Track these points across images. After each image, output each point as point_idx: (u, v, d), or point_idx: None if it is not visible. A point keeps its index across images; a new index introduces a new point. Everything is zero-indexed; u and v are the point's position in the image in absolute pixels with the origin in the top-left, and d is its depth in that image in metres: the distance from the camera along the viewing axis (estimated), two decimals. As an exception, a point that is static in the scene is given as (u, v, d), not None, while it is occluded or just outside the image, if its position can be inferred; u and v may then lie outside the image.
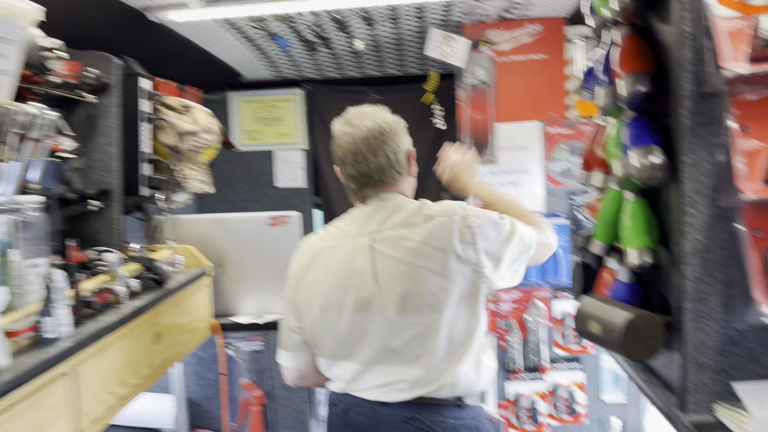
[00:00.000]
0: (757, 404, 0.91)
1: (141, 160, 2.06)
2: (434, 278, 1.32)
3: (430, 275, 1.33)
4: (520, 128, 2.68)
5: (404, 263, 1.35)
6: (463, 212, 1.38)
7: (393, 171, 1.44)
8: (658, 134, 1.06)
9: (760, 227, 0.95)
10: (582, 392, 2.74)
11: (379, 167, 1.42)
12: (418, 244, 1.35)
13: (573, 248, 2.71)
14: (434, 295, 1.32)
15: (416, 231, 1.37)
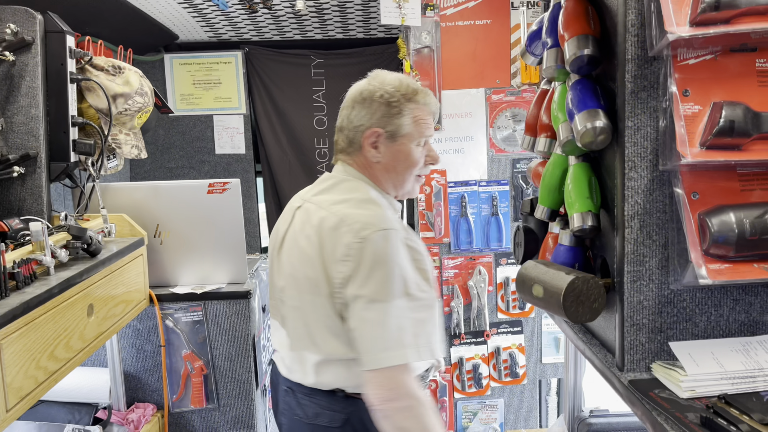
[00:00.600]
0: (692, 362, 0.95)
1: (68, 123, 1.93)
2: (308, 269, 1.40)
3: (307, 265, 1.40)
4: (464, 95, 2.67)
5: (296, 240, 1.45)
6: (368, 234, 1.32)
7: (348, 139, 1.46)
8: (601, 98, 1.06)
9: (697, 190, 0.97)
10: (522, 355, 2.82)
11: (340, 126, 1.50)
12: (314, 231, 1.40)
13: (518, 212, 2.76)
14: (308, 279, 1.40)
15: (321, 217, 1.41)
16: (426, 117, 1.48)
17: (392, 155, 1.47)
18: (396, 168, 1.47)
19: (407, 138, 1.46)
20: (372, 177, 1.50)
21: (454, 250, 2.75)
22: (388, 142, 1.46)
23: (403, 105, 1.44)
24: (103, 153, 2.05)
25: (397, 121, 1.44)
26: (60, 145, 1.93)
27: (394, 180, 1.49)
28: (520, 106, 2.69)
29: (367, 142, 1.45)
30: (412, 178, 1.50)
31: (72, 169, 1.97)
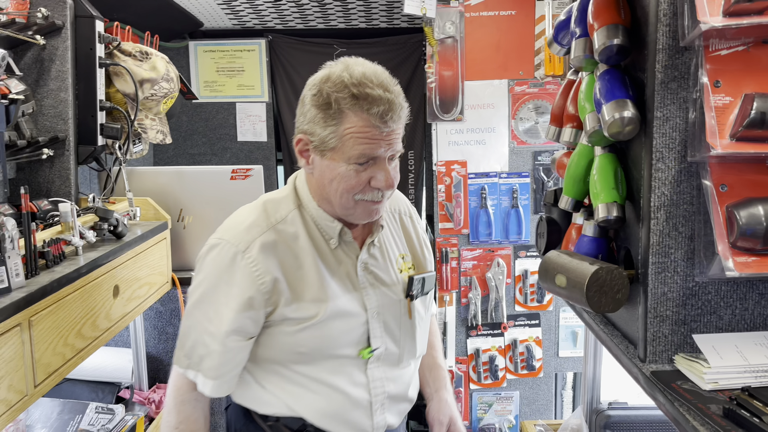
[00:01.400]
0: (716, 355, 0.94)
1: (96, 107, 1.97)
2: None
3: None
4: (487, 86, 2.67)
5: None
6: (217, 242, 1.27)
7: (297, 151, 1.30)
8: (630, 88, 1.05)
9: (725, 182, 0.97)
10: (539, 348, 2.82)
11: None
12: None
13: (538, 205, 2.75)
14: None
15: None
16: (366, 131, 1.19)
17: (321, 171, 1.26)
18: (325, 187, 1.27)
19: (336, 155, 1.22)
20: (311, 189, 1.32)
21: (472, 242, 2.75)
22: (317, 154, 1.25)
23: (339, 112, 1.20)
24: (130, 137, 2.08)
25: (322, 132, 1.21)
26: (88, 128, 1.96)
27: (329, 200, 1.28)
28: (543, 98, 2.67)
29: (296, 149, 1.29)
30: (350, 202, 1.26)
31: (99, 153, 2.01)
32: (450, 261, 2.75)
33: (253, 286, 1.24)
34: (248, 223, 1.28)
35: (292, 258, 1.28)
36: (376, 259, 1.37)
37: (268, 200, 1.34)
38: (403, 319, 1.39)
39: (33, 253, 1.41)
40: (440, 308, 2.78)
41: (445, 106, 2.65)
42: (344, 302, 1.30)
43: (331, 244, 1.32)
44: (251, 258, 1.24)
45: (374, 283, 1.36)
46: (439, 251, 2.75)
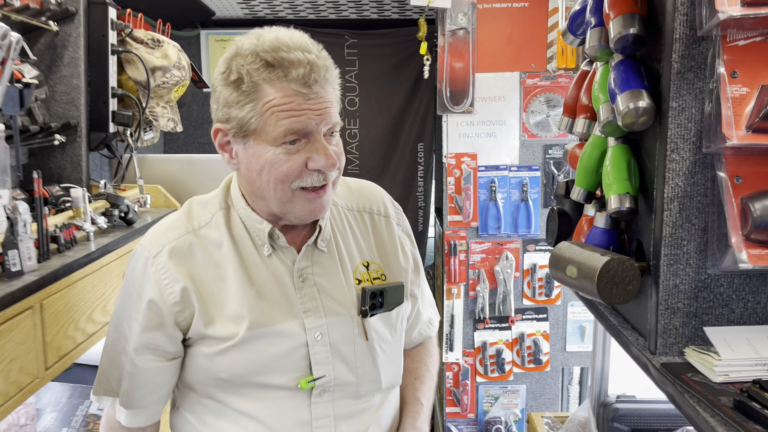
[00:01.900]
0: (727, 347, 0.94)
1: (108, 94, 1.97)
2: None
3: None
4: (499, 78, 2.65)
5: None
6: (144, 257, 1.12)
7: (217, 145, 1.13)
8: (645, 78, 1.05)
9: (740, 174, 0.96)
10: (546, 342, 2.81)
11: None
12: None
13: (548, 198, 2.74)
14: None
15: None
16: (288, 101, 1.02)
17: (247, 163, 1.08)
18: (255, 181, 1.08)
19: (260, 138, 1.04)
20: (241, 186, 1.15)
21: (481, 235, 2.74)
22: (238, 143, 1.08)
23: (254, 87, 1.03)
24: (141, 125, 2.08)
25: (239, 114, 1.04)
26: (100, 115, 1.97)
27: (263, 197, 1.10)
28: (554, 91, 2.66)
29: (216, 144, 1.11)
30: (287, 193, 1.07)
31: (110, 140, 2.02)
32: (458, 254, 2.75)
33: (161, 296, 1.08)
34: (167, 226, 1.15)
35: (213, 267, 1.10)
36: (323, 266, 1.15)
37: (195, 201, 1.19)
38: (358, 341, 1.16)
39: (45, 238, 1.42)
40: (448, 300, 2.78)
41: (455, 98, 2.64)
42: (275, 319, 1.10)
43: (264, 251, 1.12)
44: (161, 264, 1.09)
45: (317, 296, 1.13)
46: (447, 244, 2.75)
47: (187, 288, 1.09)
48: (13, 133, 1.51)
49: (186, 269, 1.10)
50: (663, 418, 1.50)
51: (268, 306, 1.10)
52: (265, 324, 1.09)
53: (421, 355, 1.37)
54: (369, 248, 1.24)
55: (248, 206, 1.14)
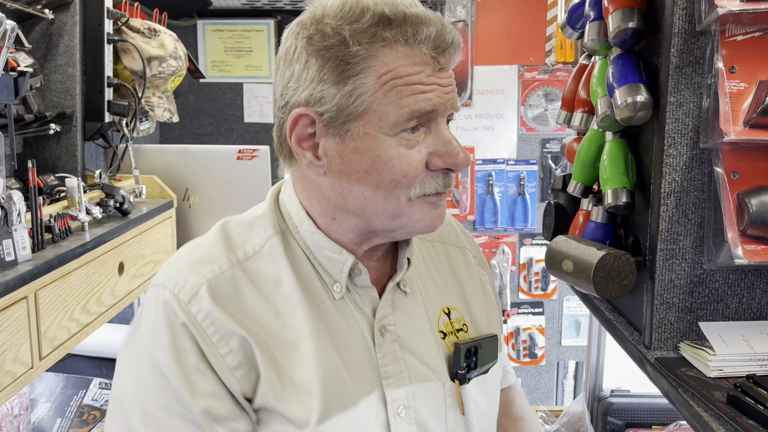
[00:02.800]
0: (722, 343, 0.94)
1: (104, 84, 1.96)
2: None
3: None
4: (497, 71, 2.64)
5: None
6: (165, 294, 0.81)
7: (277, 130, 0.86)
8: (644, 73, 1.04)
9: (737, 170, 0.96)
10: (542, 336, 2.82)
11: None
12: None
13: (545, 192, 2.73)
14: None
15: None
16: (417, 71, 0.77)
17: (344, 161, 0.79)
18: (350, 190, 0.80)
19: (371, 125, 0.77)
20: (308, 203, 0.86)
21: (478, 228, 2.74)
22: (332, 135, 0.79)
23: (365, 52, 0.76)
24: (137, 115, 2.07)
25: (339, 92, 0.77)
26: (95, 104, 1.96)
27: (357, 213, 0.82)
28: (553, 85, 2.65)
29: (291, 139, 0.81)
30: (402, 204, 0.80)
31: (106, 130, 2.01)
32: (455, 247, 2.74)
33: (213, 359, 0.78)
34: (197, 258, 0.83)
35: (271, 314, 0.81)
36: (407, 314, 0.88)
37: (233, 223, 0.89)
38: (451, 416, 0.87)
39: (39, 227, 1.41)
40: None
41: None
42: (355, 392, 0.81)
43: (335, 292, 0.85)
44: (202, 312, 0.79)
45: (399, 356, 0.85)
46: (444, 237, 2.75)
47: (246, 341, 0.79)
48: (8, 122, 1.50)
49: (239, 317, 0.80)
50: (657, 413, 1.51)
51: (347, 372, 0.82)
52: (345, 400, 0.80)
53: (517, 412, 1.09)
54: (447, 290, 0.96)
55: (318, 230, 0.85)
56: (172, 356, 0.79)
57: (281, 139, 0.85)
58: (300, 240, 0.87)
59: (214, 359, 0.79)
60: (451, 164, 0.81)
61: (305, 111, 0.79)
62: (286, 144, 0.84)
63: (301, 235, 0.87)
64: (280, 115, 0.84)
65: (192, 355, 0.79)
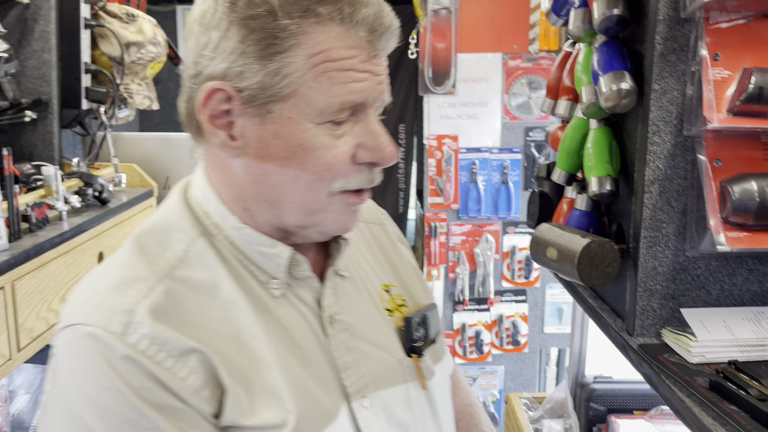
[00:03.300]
0: (704, 329, 0.95)
1: (81, 70, 1.92)
2: None
3: None
4: (481, 59, 2.64)
5: None
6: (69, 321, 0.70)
7: (185, 103, 0.76)
8: (628, 60, 1.04)
9: (720, 157, 0.96)
10: (525, 323, 2.84)
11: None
12: None
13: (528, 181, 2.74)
14: None
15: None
16: (352, 55, 0.71)
17: (262, 145, 0.72)
18: (269, 177, 0.73)
19: (295, 109, 0.71)
20: (223, 194, 0.78)
21: (462, 217, 2.74)
22: (251, 114, 0.72)
23: (295, 27, 0.69)
24: (115, 102, 2.03)
25: (262, 70, 0.69)
26: (72, 91, 1.92)
27: (273, 204, 0.75)
28: (536, 73, 2.65)
29: (201, 114, 0.73)
30: (323, 198, 0.75)
31: (83, 117, 1.97)
32: (439, 236, 2.75)
33: (175, 389, 0.68)
34: (116, 281, 0.72)
35: (220, 321, 0.73)
36: (349, 299, 0.84)
37: (144, 234, 0.78)
38: (414, 394, 0.84)
39: (16, 217, 1.38)
40: (428, 282, 2.79)
41: (437, 78, 2.62)
42: (316, 391, 0.75)
43: (273, 289, 0.78)
44: (145, 337, 0.68)
45: (353, 345, 0.81)
46: (428, 226, 2.74)
47: (206, 356, 0.70)
48: (-19, 109, 1.47)
49: (189, 331, 0.71)
50: (638, 398, 1.53)
51: (306, 372, 0.76)
52: (311, 400, 0.75)
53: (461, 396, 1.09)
54: (381, 268, 0.94)
55: (245, 224, 0.77)
56: (125, 399, 0.67)
57: (189, 113, 0.76)
58: (223, 239, 0.78)
59: (175, 386, 0.68)
60: (378, 158, 0.75)
61: (221, 85, 0.71)
62: (195, 119, 0.75)
63: (225, 233, 0.78)
64: (190, 85, 0.74)
65: (149, 392, 0.67)
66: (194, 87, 0.74)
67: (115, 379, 0.67)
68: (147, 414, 0.67)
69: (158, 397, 0.68)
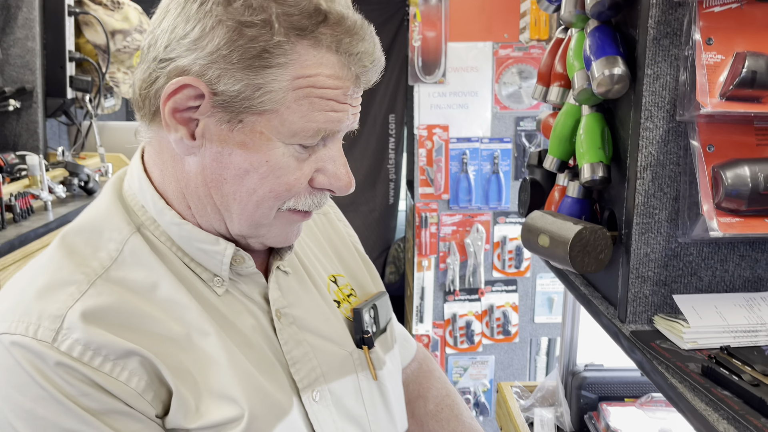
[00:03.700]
0: (696, 315, 0.95)
1: (65, 58, 1.89)
2: None
3: None
4: (471, 48, 2.62)
5: None
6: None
7: (142, 84, 0.72)
8: (621, 45, 1.03)
9: (713, 143, 0.96)
10: (515, 313, 2.84)
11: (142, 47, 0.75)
12: None
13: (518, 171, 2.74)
14: None
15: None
16: (337, 86, 0.70)
17: (224, 154, 0.70)
18: (222, 184, 0.71)
19: (268, 124, 0.69)
20: (166, 188, 0.75)
21: (452, 207, 2.74)
22: (219, 119, 0.69)
23: (288, 43, 0.67)
24: (101, 91, 2.00)
25: (243, 78, 0.67)
26: (57, 80, 1.89)
27: (217, 208, 0.74)
28: (527, 62, 2.64)
29: (168, 108, 0.69)
30: (269, 214, 0.74)
31: (68, 106, 1.94)
32: (429, 226, 2.74)
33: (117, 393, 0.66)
34: (42, 285, 0.68)
35: (162, 322, 0.71)
36: (295, 293, 0.83)
37: (71, 233, 0.74)
38: (365, 385, 0.85)
39: (0, 207, 1.36)
40: (418, 273, 2.78)
41: (427, 67, 2.61)
42: (268, 389, 0.74)
43: (216, 287, 0.76)
44: (78, 343, 0.65)
45: (301, 338, 0.80)
46: (418, 216, 2.74)
47: (147, 359, 0.68)
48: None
49: (127, 334, 0.68)
50: (629, 386, 1.53)
51: (257, 369, 0.75)
52: (263, 398, 0.73)
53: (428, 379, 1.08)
54: (327, 258, 0.93)
55: (185, 220, 0.74)
56: (63, 409, 0.63)
57: (146, 95, 0.71)
58: (161, 235, 0.75)
59: (118, 389, 0.66)
60: (335, 187, 0.75)
61: (196, 83, 0.67)
62: (153, 104, 0.71)
63: (163, 229, 0.75)
64: (154, 66, 0.70)
65: (89, 398, 0.64)
66: (159, 71, 0.70)
67: (50, 389, 0.63)
68: (90, 421, 0.64)
69: (101, 402, 0.65)
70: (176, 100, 0.69)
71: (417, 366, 1.13)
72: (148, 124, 0.75)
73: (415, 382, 1.10)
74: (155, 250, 0.74)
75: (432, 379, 1.10)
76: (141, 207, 0.76)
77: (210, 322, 0.73)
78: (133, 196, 0.77)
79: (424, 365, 1.12)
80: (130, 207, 0.76)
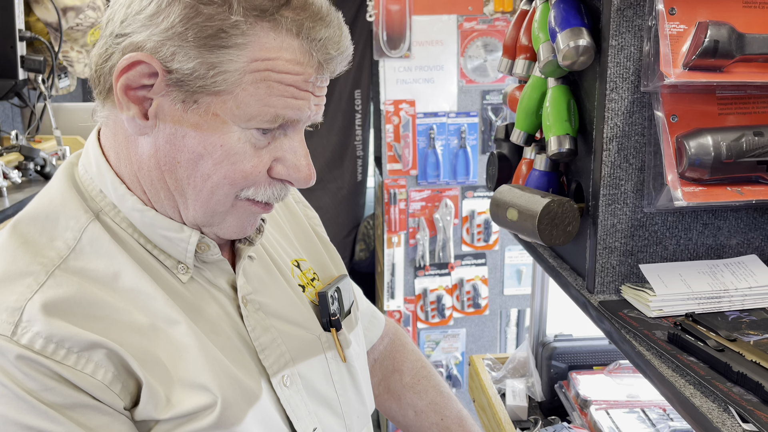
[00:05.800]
0: (661, 283, 0.96)
1: (15, 37, 1.80)
2: None
3: None
4: (436, 21, 2.60)
5: None
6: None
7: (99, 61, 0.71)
8: (585, 16, 1.03)
9: (676, 113, 0.96)
10: (485, 286, 2.87)
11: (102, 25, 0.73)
12: None
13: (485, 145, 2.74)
14: None
15: None
16: (297, 71, 0.68)
17: (178, 135, 0.69)
18: (177, 167, 0.69)
19: (224, 106, 0.67)
20: (123, 171, 0.73)
21: (420, 183, 2.74)
22: (174, 98, 0.67)
23: (247, 24, 0.65)
24: (54, 71, 1.93)
25: (199, 57, 0.65)
26: (7, 60, 1.81)
27: (174, 192, 0.72)
28: (492, 35, 2.63)
29: (120, 85, 0.67)
30: (227, 202, 0.72)
31: (21, 88, 1.86)
32: (398, 203, 2.73)
33: (83, 385, 0.64)
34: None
35: (128, 312, 0.69)
36: (260, 279, 0.82)
37: (24, 221, 0.72)
38: (334, 368, 0.86)
39: (-50, 194, 1.30)
40: (389, 249, 2.79)
41: (392, 42, 2.58)
42: (239, 376, 0.74)
43: (180, 274, 0.74)
44: (39, 335, 0.63)
45: (268, 324, 0.80)
46: (387, 193, 2.73)
47: (113, 351, 0.66)
48: None
49: (91, 325, 0.66)
50: (598, 354, 1.57)
51: (226, 357, 0.74)
52: (235, 386, 0.73)
53: (401, 352, 1.09)
54: (288, 243, 0.92)
55: (147, 206, 0.72)
56: (25, 405, 0.61)
57: (102, 71, 0.70)
58: (122, 222, 0.73)
59: (84, 382, 0.64)
60: (294, 178, 0.74)
61: (149, 59, 0.66)
62: (107, 80, 0.69)
63: (124, 215, 0.73)
64: (111, 42, 0.68)
65: (53, 392, 0.62)
66: (115, 47, 0.69)
67: (10, 385, 0.62)
68: (53, 417, 0.62)
69: (65, 396, 0.63)
70: (129, 77, 0.67)
71: (389, 341, 1.14)
72: (102, 102, 0.73)
73: (389, 358, 1.12)
74: (116, 237, 0.72)
75: (405, 352, 1.12)
76: (99, 192, 0.74)
77: (178, 310, 0.72)
78: (90, 180, 0.75)
79: (396, 340, 1.14)
80: (87, 192, 0.74)
